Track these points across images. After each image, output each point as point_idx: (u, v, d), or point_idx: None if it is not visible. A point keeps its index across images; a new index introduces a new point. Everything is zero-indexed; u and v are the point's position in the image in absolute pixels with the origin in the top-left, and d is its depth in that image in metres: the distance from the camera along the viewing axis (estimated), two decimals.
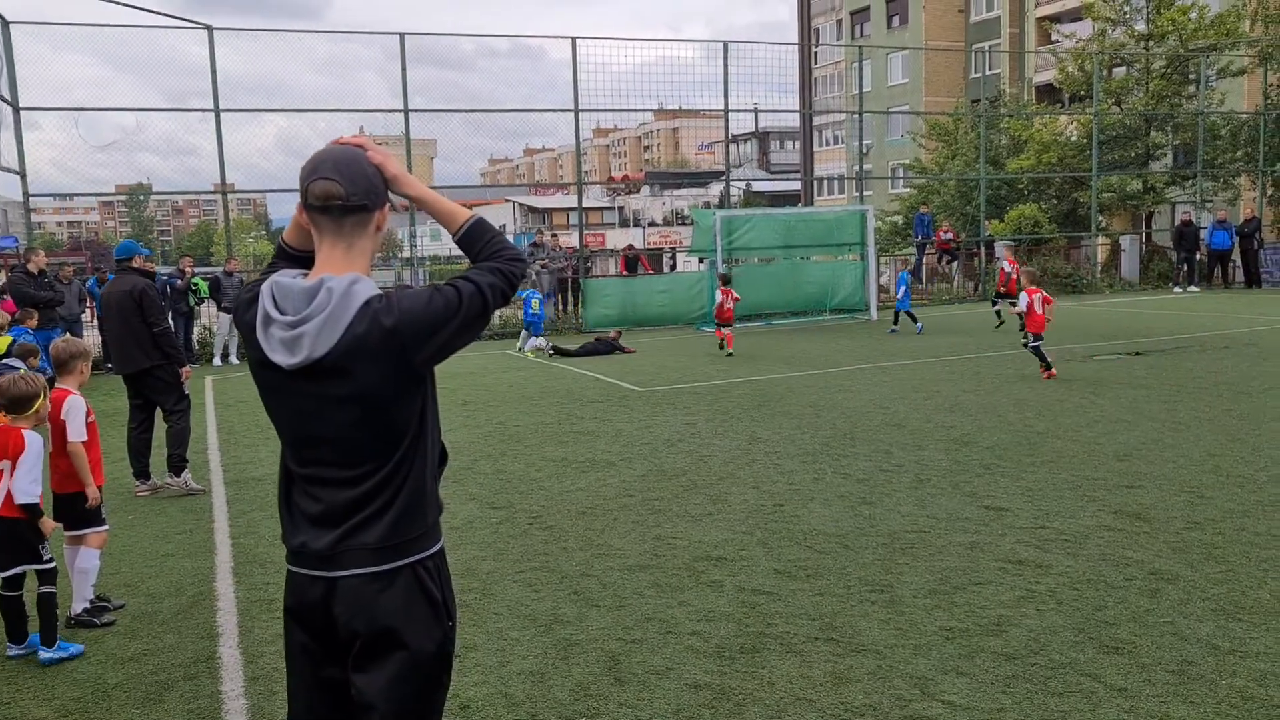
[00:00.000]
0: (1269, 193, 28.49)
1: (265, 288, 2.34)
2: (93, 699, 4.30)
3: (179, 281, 17.20)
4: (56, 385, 5.41)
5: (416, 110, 20.31)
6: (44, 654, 4.69)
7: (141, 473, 8.04)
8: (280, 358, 2.27)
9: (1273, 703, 3.84)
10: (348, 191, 2.32)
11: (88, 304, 17.78)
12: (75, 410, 5.12)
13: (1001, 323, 17.69)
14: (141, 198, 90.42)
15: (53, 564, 4.78)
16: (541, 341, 17.23)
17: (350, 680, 2.31)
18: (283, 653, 2.48)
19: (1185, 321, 17.99)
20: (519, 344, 17.81)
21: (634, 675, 4.31)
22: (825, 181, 56.39)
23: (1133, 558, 5.57)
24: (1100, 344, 15.11)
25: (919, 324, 17.87)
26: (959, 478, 7.49)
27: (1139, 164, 30.00)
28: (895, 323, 18.34)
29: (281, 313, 2.29)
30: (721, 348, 15.83)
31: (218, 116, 18.78)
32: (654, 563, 5.82)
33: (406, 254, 35.73)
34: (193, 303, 17.55)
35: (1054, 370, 11.95)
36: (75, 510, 5.16)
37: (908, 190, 40.97)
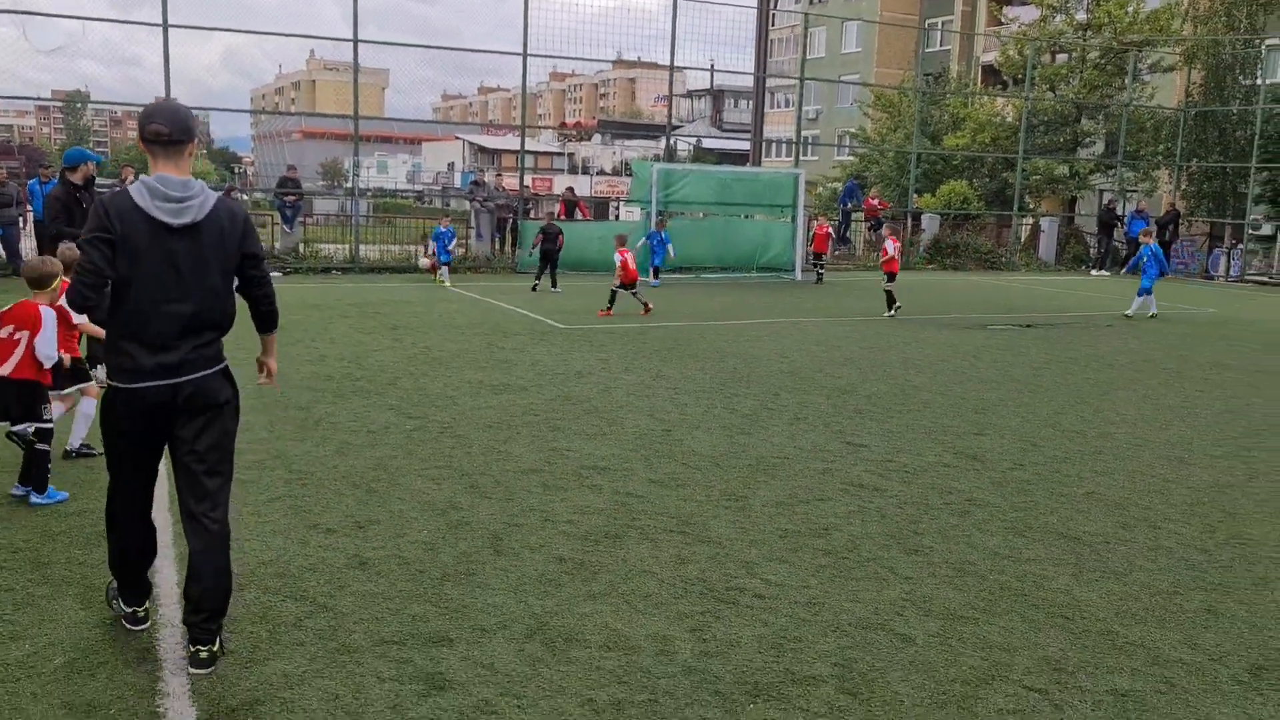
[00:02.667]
0: (1183, 187, 29.85)
1: (136, 187, 3.61)
2: (40, 540, 4.98)
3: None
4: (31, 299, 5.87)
5: (366, 41, 20.53)
6: (35, 498, 5.52)
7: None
8: (169, 219, 3.58)
9: (1020, 590, 4.74)
10: (172, 131, 3.65)
11: (25, 208, 17.94)
12: (49, 321, 5.62)
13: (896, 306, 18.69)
14: (79, 105, 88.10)
15: (51, 424, 5.55)
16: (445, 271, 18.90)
17: (178, 437, 3.74)
18: None
19: (1085, 301, 19.15)
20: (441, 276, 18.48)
21: (511, 549, 5.09)
22: (775, 144, 57.08)
23: (956, 488, 6.47)
24: (999, 316, 16.16)
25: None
26: (832, 418, 8.37)
27: (1067, 150, 31.20)
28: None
29: (167, 197, 3.58)
30: (647, 311, 14.98)
31: (165, 32, 18.84)
32: (545, 468, 6.59)
33: (350, 184, 35.77)
34: None
35: (896, 311, 14.05)
36: (75, 371, 6.18)
37: (851, 158, 41.95)
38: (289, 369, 9.73)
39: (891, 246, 16.17)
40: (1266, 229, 29.68)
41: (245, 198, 22.54)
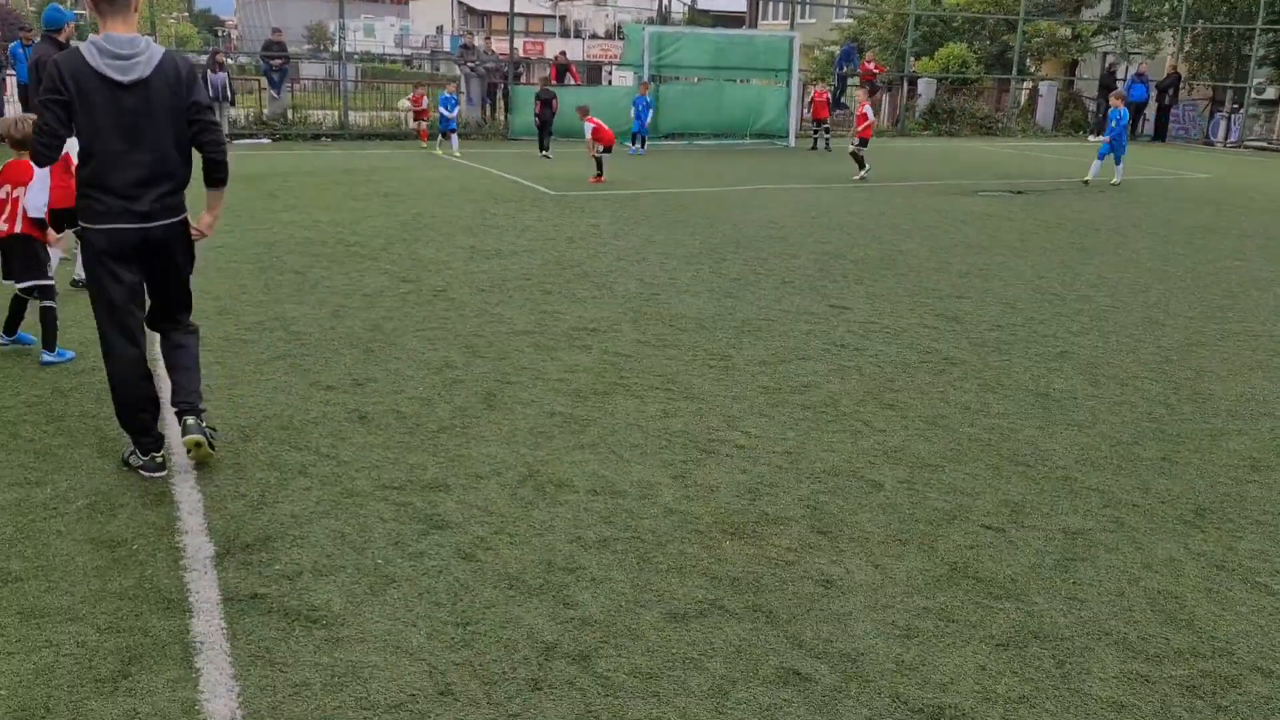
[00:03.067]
0: (1186, 49, 29.30)
1: (86, 46, 3.89)
2: (52, 396, 5.20)
3: None
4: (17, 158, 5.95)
5: None
6: (46, 356, 5.73)
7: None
8: (118, 76, 3.87)
9: (988, 441, 5.00)
10: None
11: (6, 71, 17.63)
12: (39, 175, 5.74)
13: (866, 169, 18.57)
14: None
15: (54, 281, 5.70)
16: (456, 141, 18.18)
17: (153, 267, 4.18)
18: (211, 371, 3.37)
19: (1079, 167, 19.03)
20: (447, 146, 18.23)
21: (504, 404, 5.32)
22: (771, 5, 55.45)
23: (935, 348, 6.69)
24: (992, 182, 16.16)
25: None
26: (818, 282, 8.53)
27: (1071, 11, 30.48)
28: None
29: (115, 55, 3.87)
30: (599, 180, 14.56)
31: None
32: (537, 330, 6.78)
33: (336, 48, 34.81)
34: None
35: (867, 173, 14.51)
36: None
37: (849, 21, 40.89)
38: (284, 235, 9.84)
39: (869, 111, 16.31)
40: (1270, 93, 29.26)
41: (231, 62, 22.02)
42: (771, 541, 3.87)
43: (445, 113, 18.31)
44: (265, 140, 19.60)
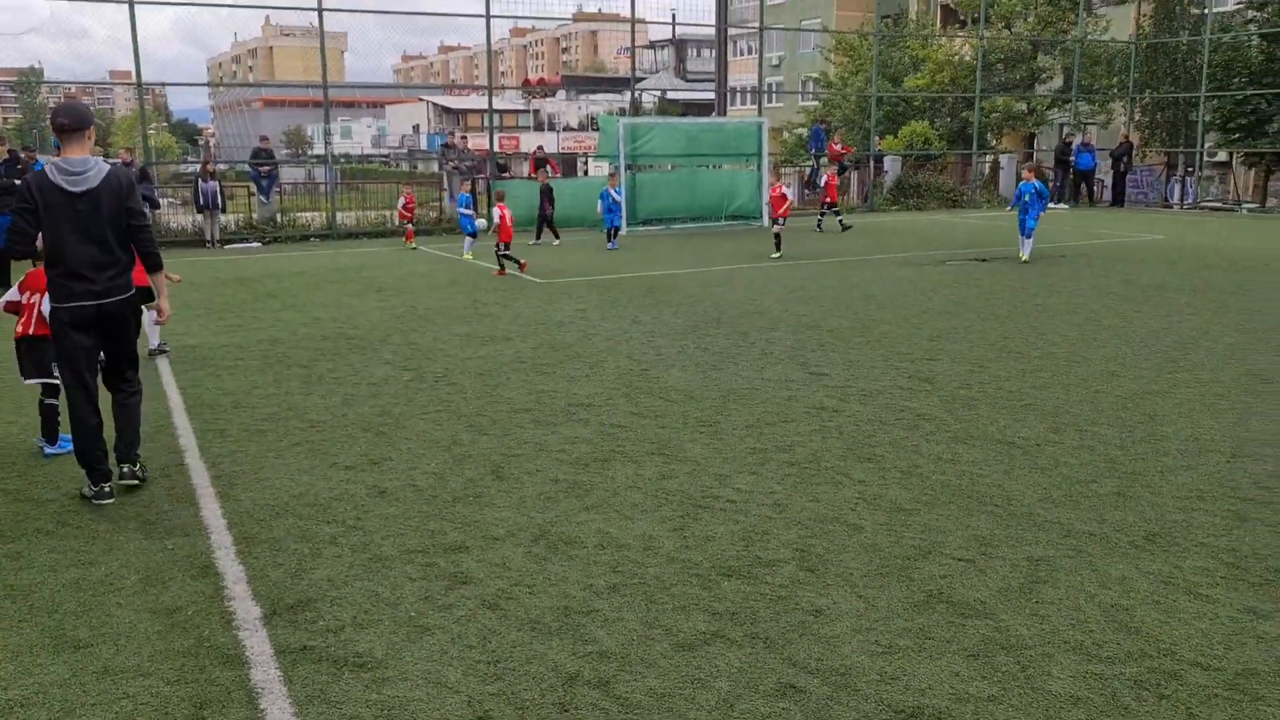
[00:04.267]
0: (1136, 118, 30.57)
1: (49, 167, 5.09)
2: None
3: None
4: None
5: (331, 10, 20.79)
6: (48, 449, 6.15)
7: None
8: (71, 188, 5.07)
9: (958, 486, 5.45)
10: (72, 122, 5.16)
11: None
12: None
13: (847, 227, 20.77)
14: (33, 82, 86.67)
15: (58, 380, 6.06)
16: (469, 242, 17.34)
17: (108, 334, 5.34)
18: (236, 458, 3.82)
19: (1040, 235, 19.81)
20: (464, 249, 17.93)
21: (511, 474, 5.74)
22: (740, 92, 57.25)
23: (909, 406, 7.17)
24: (958, 251, 16.86)
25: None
26: (797, 352, 9.04)
27: (1024, 86, 31.82)
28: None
29: (70, 172, 5.09)
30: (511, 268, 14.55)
31: (132, 8, 19.00)
32: (536, 407, 7.23)
33: (319, 151, 35.74)
34: None
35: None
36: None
37: (815, 104, 42.37)
38: (286, 332, 10.31)
39: (783, 191, 16.81)
40: (1221, 155, 30.48)
41: (215, 168, 22.70)
42: (765, 580, 4.29)
43: (464, 211, 17.61)
44: (255, 244, 20.21)
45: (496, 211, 14.91)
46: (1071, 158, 28.37)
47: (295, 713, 3.30)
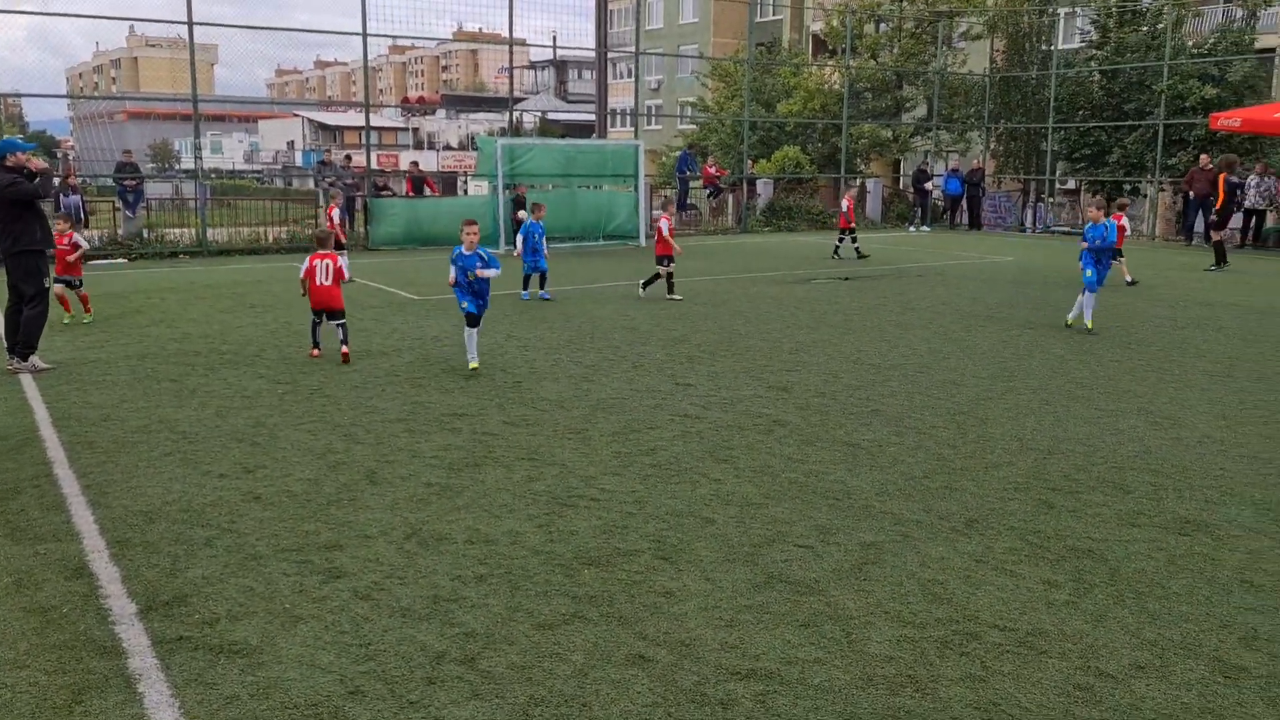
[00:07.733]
0: (992, 146, 32.38)
1: None
2: None
3: None
4: None
5: (202, 24, 20.46)
6: None
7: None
8: None
9: (805, 483, 5.92)
10: None
11: None
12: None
13: (864, 255, 19.96)
14: None
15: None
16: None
17: None
18: (106, 469, 3.99)
19: (901, 255, 20.93)
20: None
21: (385, 479, 5.96)
22: (620, 114, 58.08)
23: (765, 413, 7.65)
24: (824, 271, 17.66)
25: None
26: (665, 365, 9.47)
27: (890, 114, 33.34)
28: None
29: None
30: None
31: None
32: (410, 417, 7.45)
33: (188, 165, 34.77)
34: None
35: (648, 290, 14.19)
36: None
37: (691, 128, 43.39)
38: (155, 347, 10.22)
39: (665, 226, 14.19)
40: (1070, 183, 32.46)
41: (78, 180, 22.00)
42: (622, 567, 4.64)
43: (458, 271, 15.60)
44: (121, 260, 19.68)
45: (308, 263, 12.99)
46: (932, 182, 29.84)
47: (173, 694, 3.49)
